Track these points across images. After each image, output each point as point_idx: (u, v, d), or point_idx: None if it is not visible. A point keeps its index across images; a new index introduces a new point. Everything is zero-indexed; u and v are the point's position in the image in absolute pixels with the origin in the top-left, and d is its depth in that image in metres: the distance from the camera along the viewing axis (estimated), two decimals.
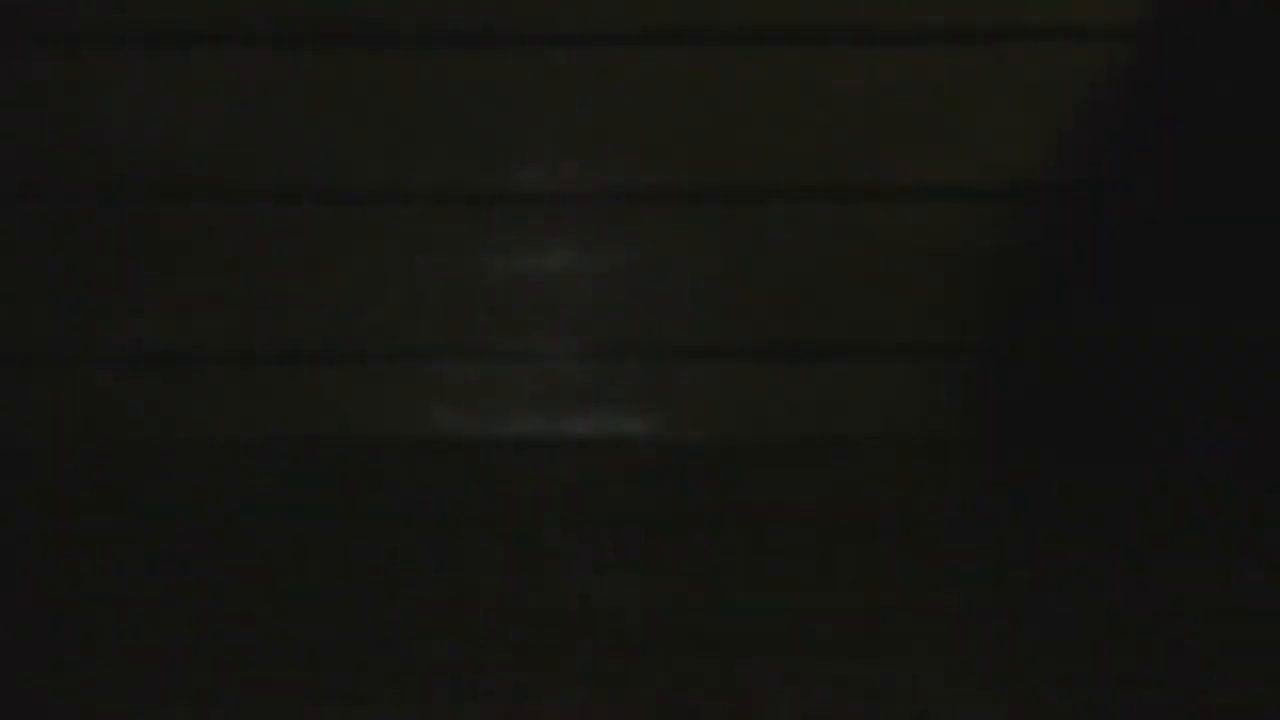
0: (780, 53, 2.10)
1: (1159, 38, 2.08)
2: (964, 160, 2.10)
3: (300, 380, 2.12)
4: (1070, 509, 1.87)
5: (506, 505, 1.91)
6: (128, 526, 1.82)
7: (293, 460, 2.07)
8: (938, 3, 2.09)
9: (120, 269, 2.11)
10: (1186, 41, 2.08)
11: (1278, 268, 2.06)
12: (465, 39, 2.10)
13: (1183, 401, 2.07)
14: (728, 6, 2.09)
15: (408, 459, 2.07)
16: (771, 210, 2.11)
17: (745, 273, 2.12)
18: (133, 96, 2.09)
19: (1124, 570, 1.66)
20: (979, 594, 1.62)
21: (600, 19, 2.09)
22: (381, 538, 1.77)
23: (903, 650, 1.46)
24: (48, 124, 2.10)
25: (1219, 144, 2.07)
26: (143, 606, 1.57)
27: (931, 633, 1.50)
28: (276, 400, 2.12)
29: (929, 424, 2.11)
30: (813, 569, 1.67)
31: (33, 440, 2.12)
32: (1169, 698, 1.36)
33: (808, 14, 2.09)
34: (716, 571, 1.66)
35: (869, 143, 2.10)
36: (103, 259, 2.11)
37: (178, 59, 2.09)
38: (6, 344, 2.12)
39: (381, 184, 2.11)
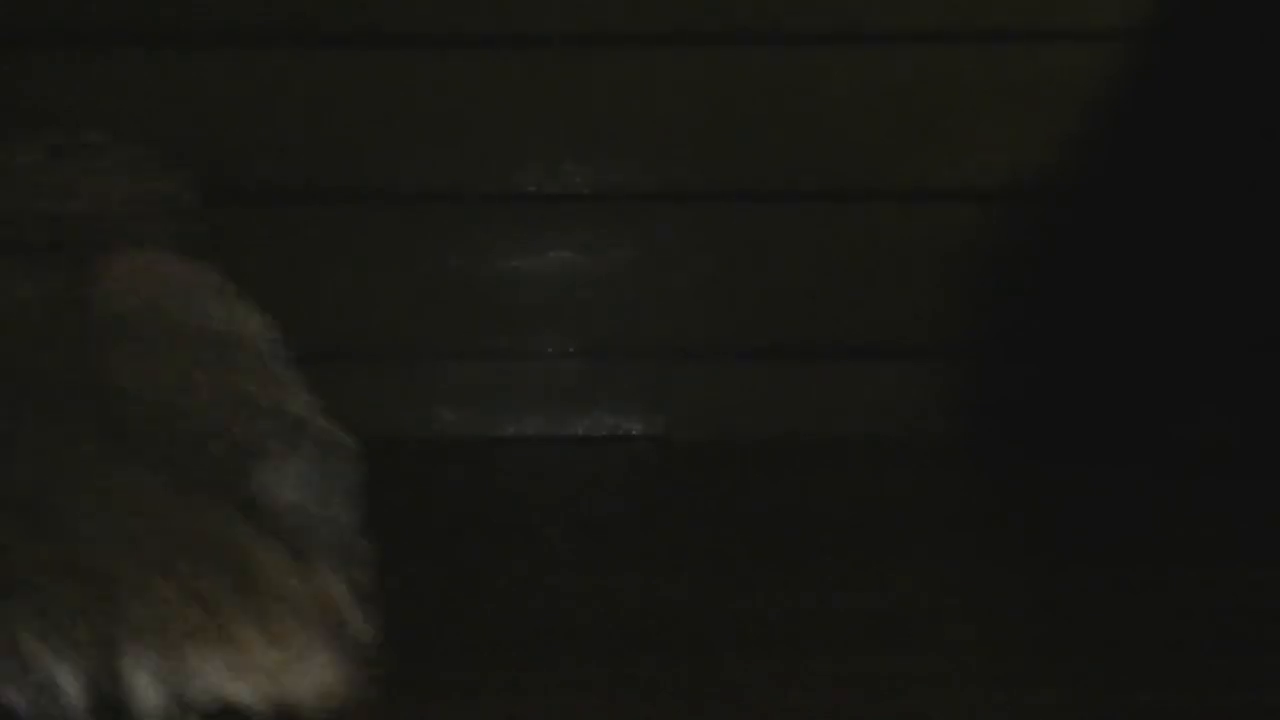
0: (780, 53, 2.10)
1: (1160, 38, 2.08)
2: (964, 161, 2.10)
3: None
4: (1069, 509, 1.87)
5: (506, 505, 1.91)
6: None
7: None
8: (939, 3, 2.09)
9: None
10: (1188, 41, 2.08)
11: (1279, 268, 2.06)
12: (466, 39, 2.10)
13: (1183, 402, 2.07)
14: (728, 6, 2.09)
15: (408, 459, 2.07)
16: (772, 210, 2.11)
17: (745, 273, 2.12)
18: (132, 96, 2.09)
19: (1124, 571, 1.66)
20: (979, 594, 1.62)
21: (600, 19, 2.09)
22: (380, 537, 1.77)
23: (903, 650, 1.46)
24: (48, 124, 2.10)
25: (1221, 144, 2.07)
26: None
27: (931, 632, 1.50)
28: None
29: (929, 424, 2.11)
30: (812, 569, 1.67)
31: None
32: (1169, 698, 1.36)
33: (808, 14, 2.09)
34: (716, 571, 1.66)
35: (869, 143, 2.10)
36: None
37: (176, 59, 2.09)
38: None
39: (381, 184, 2.11)
